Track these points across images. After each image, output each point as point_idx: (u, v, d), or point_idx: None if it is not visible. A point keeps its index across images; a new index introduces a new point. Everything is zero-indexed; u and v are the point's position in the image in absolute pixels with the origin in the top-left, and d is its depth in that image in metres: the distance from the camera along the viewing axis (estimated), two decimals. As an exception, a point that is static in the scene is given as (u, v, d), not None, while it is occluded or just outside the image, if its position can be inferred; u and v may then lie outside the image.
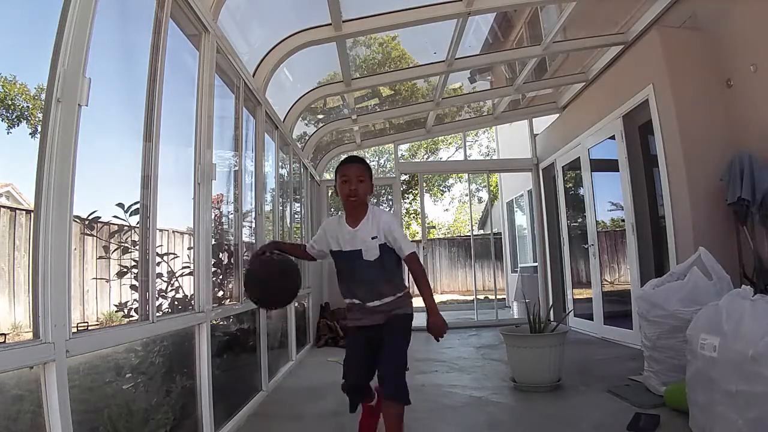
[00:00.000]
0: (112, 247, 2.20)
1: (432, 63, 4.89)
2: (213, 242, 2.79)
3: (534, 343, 3.30)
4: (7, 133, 2.06)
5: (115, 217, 2.13)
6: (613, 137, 4.85)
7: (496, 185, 11.46)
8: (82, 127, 1.43)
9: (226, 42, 2.85)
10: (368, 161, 2.31)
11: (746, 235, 3.39)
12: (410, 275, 2.17)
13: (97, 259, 2.23)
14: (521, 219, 9.49)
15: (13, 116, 2.04)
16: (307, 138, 6.16)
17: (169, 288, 2.55)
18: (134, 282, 2.08)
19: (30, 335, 1.29)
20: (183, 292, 2.62)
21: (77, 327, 1.51)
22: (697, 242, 3.33)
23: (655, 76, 4.00)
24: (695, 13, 3.94)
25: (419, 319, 2.24)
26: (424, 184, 13.20)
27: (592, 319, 5.47)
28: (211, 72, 2.60)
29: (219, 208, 3.18)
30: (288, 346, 4.50)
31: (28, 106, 2.00)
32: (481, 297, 9.37)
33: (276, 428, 2.77)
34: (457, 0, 3.67)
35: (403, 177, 8.94)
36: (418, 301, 2.20)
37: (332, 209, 7.07)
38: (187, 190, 2.45)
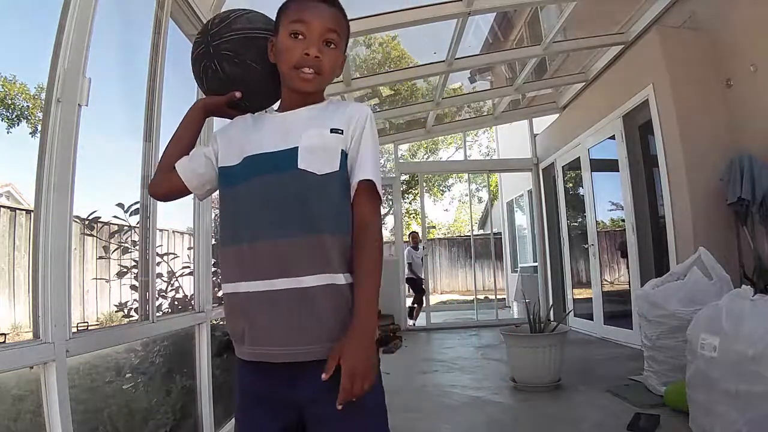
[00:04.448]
0: (112, 247, 2.20)
1: (432, 63, 4.89)
2: (213, 242, 2.79)
3: (534, 343, 3.30)
4: (7, 133, 2.06)
5: (115, 217, 2.13)
6: (613, 137, 4.85)
7: (496, 185, 11.46)
8: (82, 127, 1.43)
9: (226, 42, 2.85)
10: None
11: (746, 235, 3.40)
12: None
13: (97, 259, 2.23)
14: (521, 219, 9.49)
15: (13, 116, 2.04)
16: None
17: (169, 288, 2.55)
18: (134, 282, 2.08)
19: (30, 335, 1.29)
20: (183, 292, 2.62)
21: (77, 327, 1.51)
22: (697, 242, 3.33)
23: (655, 76, 4.00)
24: (695, 13, 3.94)
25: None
26: (424, 184, 13.22)
27: (592, 319, 5.47)
28: (211, 72, 2.59)
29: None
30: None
31: (28, 106, 2.00)
32: (481, 297, 9.37)
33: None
34: (457, 0, 3.67)
35: (403, 177, 8.95)
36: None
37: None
38: (188, 190, 2.44)
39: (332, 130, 0.99)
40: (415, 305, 7.30)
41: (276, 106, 1.14)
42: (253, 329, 0.95)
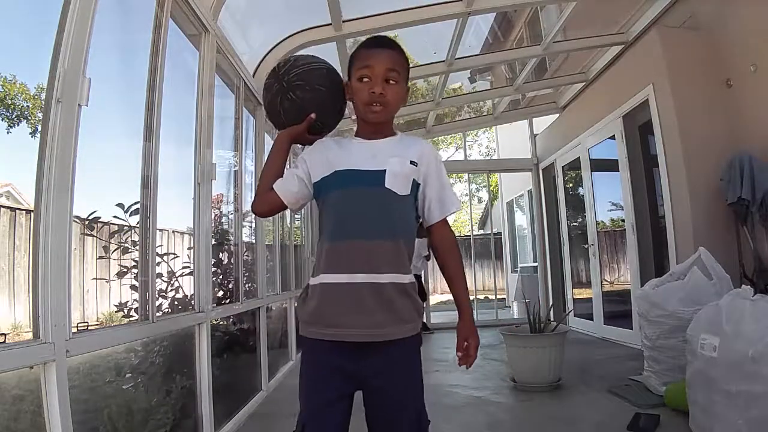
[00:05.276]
0: (112, 247, 2.20)
1: (432, 63, 4.89)
2: (213, 242, 2.79)
3: (534, 343, 3.30)
4: (7, 133, 2.06)
5: (115, 217, 2.13)
6: (613, 137, 4.85)
7: (496, 185, 11.45)
8: (82, 127, 1.43)
9: (226, 42, 2.85)
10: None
11: (746, 235, 3.39)
12: (435, 255, 1.32)
13: (97, 259, 2.23)
14: (521, 219, 9.50)
15: (13, 116, 2.04)
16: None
17: (169, 288, 2.55)
18: (134, 282, 2.08)
19: (30, 335, 1.29)
20: (183, 292, 2.62)
21: (77, 327, 1.52)
22: (697, 242, 3.33)
23: (655, 76, 4.00)
24: (695, 13, 3.94)
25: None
26: (424, 184, 13.15)
27: (592, 319, 5.47)
28: (211, 72, 2.60)
29: (219, 208, 3.19)
30: (288, 345, 4.50)
31: (28, 106, 2.00)
32: (481, 297, 9.36)
33: (276, 428, 2.76)
34: (457, 0, 3.67)
35: (403, 177, 8.92)
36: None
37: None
38: (187, 190, 2.45)
39: (411, 162, 1.25)
40: None
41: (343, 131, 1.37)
42: (335, 313, 1.17)
